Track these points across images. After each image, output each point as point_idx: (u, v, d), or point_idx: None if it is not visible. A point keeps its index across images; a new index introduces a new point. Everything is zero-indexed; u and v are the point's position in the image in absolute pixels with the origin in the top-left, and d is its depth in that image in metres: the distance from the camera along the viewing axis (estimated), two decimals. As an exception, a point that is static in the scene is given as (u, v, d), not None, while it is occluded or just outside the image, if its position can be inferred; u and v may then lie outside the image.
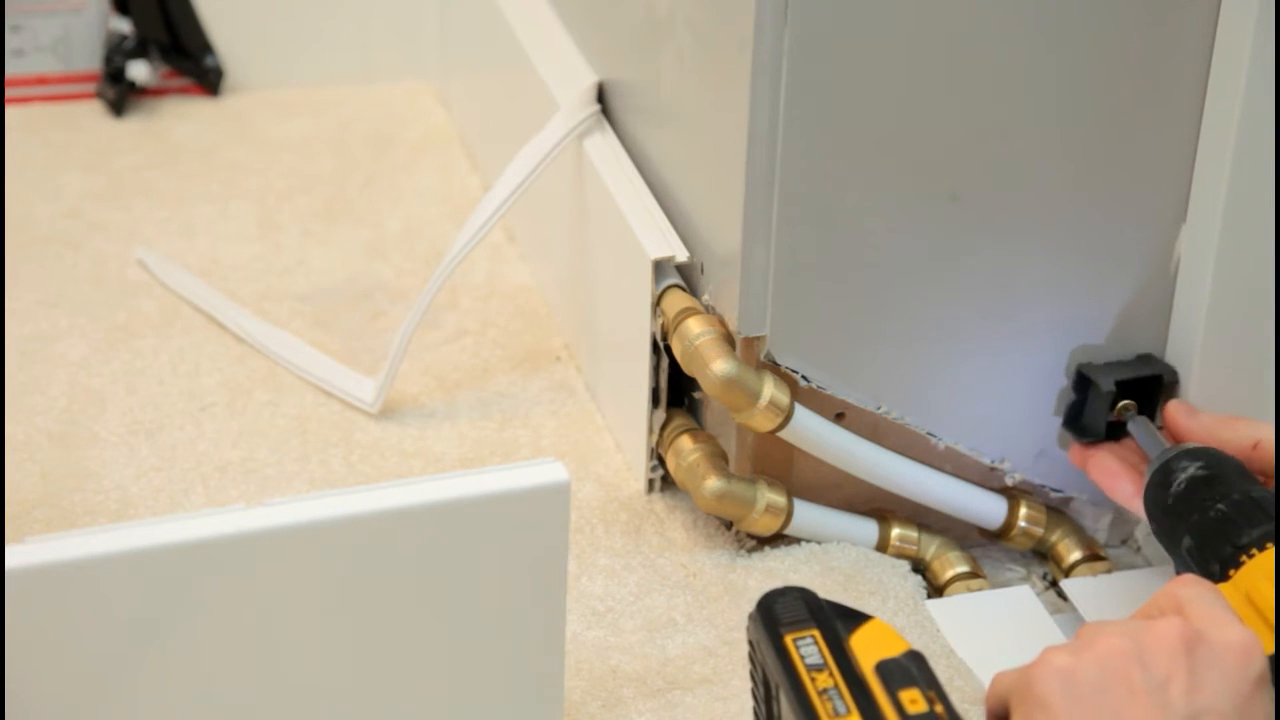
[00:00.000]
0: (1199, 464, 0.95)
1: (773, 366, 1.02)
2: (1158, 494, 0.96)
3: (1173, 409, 1.02)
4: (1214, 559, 0.90)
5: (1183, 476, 0.95)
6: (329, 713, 0.84)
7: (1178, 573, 0.92)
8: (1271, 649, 0.85)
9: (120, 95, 1.46)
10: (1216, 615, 0.80)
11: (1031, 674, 0.79)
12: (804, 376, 1.03)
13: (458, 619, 0.84)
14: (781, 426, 1.02)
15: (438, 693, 0.86)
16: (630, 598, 1.04)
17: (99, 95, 1.47)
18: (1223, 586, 0.88)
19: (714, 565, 1.06)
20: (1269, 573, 0.87)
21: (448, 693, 0.86)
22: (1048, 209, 1.02)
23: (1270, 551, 0.88)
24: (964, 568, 1.07)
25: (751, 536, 1.07)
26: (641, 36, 1.12)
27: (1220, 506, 0.92)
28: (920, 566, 1.07)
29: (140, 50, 1.46)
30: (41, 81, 1.47)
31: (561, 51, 1.24)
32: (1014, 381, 1.05)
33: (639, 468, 1.12)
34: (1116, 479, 1.01)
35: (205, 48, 1.48)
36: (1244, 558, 0.89)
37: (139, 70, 1.45)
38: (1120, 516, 1.10)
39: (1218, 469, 0.94)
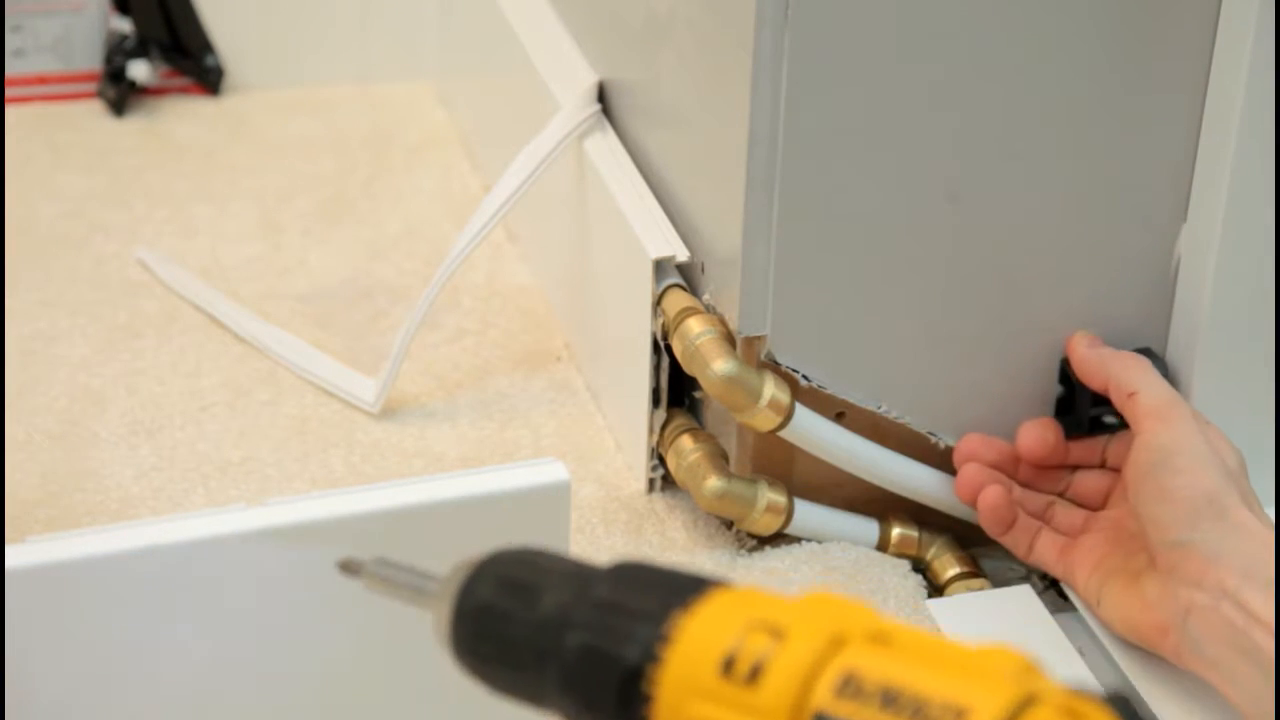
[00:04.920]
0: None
1: (773, 366, 1.02)
2: None
3: (1076, 339, 1.03)
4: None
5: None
6: (329, 713, 0.84)
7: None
8: None
9: (121, 95, 1.45)
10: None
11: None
12: (804, 376, 1.03)
13: (458, 619, 0.84)
14: (782, 426, 1.02)
15: (438, 694, 0.85)
16: (630, 598, 1.04)
17: (99, 95, 1.47)
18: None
19: (714, 565, 1.06)
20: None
21: (448, 694, 0.86)
22: (1047, 209, 1.02)
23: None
24: (964, 568, 1.07)
25: (752, 536, 1.07)
26: (641, 36, 1.12)
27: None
28: (921, 566, 1.07)
29: (141, 50, 1.45)
30: (41, 81, 1.47)
31: (561, 51, 1.24)
32: (1014, 382, 1.05)
33: (639, 468, 1.12)
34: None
35: (205, 48, 1.47)
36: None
37: (139, 70, 1.45)
38: (1120, 516, 1.10)
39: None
